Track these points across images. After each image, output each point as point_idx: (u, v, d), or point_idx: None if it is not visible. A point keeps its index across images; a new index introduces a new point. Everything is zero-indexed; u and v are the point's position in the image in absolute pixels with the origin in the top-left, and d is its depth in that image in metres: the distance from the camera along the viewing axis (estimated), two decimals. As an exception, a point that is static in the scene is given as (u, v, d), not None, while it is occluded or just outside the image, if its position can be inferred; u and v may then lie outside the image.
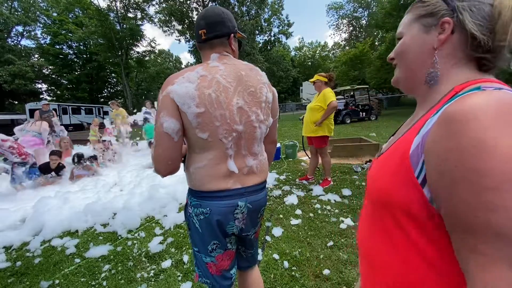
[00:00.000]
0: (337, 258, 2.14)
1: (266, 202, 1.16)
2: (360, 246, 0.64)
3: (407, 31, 0.59)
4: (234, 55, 1.06)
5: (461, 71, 0.52)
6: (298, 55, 52.28)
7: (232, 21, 1.04)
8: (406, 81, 0.61)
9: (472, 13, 0.49)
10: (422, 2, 0.56)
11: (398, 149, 0.51)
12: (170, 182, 3.81)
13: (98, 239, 2.66)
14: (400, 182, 0.48)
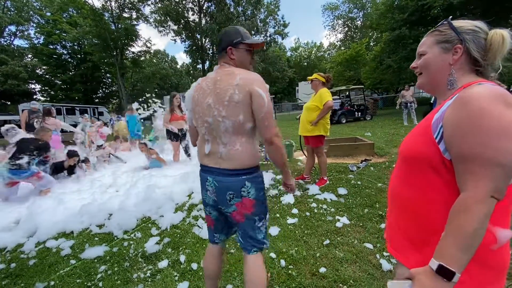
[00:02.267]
0: (333, 256, 2.16)
1: (238, 189, 1.29)
2: (391, 195, 0.93)
3: (430, 50, 0.86)
4: (235, 64, 1.33)
5: (467, 77, 0.82)
6: (294, 56, 52.39)
7: (231, 36, 1.32)
8: (430, 85, 0.89)
9: (474, 44, 0.79)
10: (440, 31, 0.85)
11: (421, 124, 0.81)
12: (167, 182, 3.81)
13: (94, 240, 2.64)
14: (425, 143, 0.76)
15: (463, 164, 0.68)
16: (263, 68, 33.92)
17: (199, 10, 27.61)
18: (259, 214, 1.36)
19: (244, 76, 1.24)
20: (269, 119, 1.24)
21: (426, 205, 0.79)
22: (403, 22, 15.23)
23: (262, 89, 1.22)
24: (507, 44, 0.77)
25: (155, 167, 4.94)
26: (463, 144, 0.67)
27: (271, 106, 1.26)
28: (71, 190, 3.93)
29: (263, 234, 1.41)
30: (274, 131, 1.25)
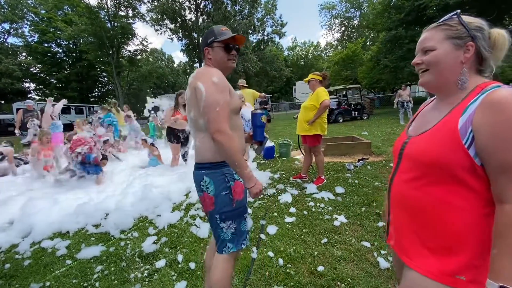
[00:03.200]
0: (331, 255, 2.16)
1: (198, 182, 1.31)
2: (402, 201, 0.87)
3: (440, 46, 0.79)
4: (212, 63, 1.34)
5: (475, 77, 0.79)
6: (291, 55, 52.41)
7: (206, 37, 1.34)
8: (438, 83, 0.83)
9: (484, 42, 0.76)
10: (451, 26, 0.79)
11: (444, 128, 0.76)
12: (164, 182, 3.79)
13: (90, 240, 2.61)
14: (451, 148, 0.72)
15: (506, 174, 0.66)
16: (260, 68, 33.89)
17: (196, 9, 27.48)
18: (221, 213, 1.29)
19: (195, 73, 1.28)
20: (209, 113, 1.18)
21: (449, 212, 0.75)
22: (400, 22, 15.30)
23: (204, 83, 1.20)
24: (507, 43, 0.77)
25: (152, 166, 4.91)
26: (506, 154, 0.65)
27: (214, 99, 1.18)
28: (66, 190, 3.89)
29: (227, 237, 1.32)
30: (216, 126, 1.16)
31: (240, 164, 1.19)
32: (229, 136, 1.17)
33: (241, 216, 1.34)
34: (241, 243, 1.36)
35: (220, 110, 1.18)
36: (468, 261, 0.73)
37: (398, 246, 0.91)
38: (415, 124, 0.95)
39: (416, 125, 0.93)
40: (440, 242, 0.77)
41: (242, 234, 1.36)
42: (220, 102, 1.19)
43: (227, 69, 1.37)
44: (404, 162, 0.88)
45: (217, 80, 1.22)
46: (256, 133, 1.60)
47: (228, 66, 1.36)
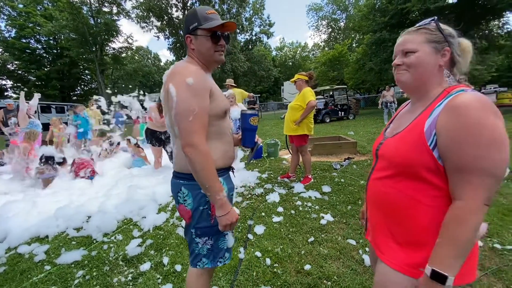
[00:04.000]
0: (317, 253, 2.19)
1: (176, 193, 1.18)
2: (376, 198, 0.91)
3: (421, 49, 0.82)
4: (195, 55, 1.14)
5: (445, 80, 0.84)
6: (279, 55, 52.69)
7: (188, 22, 1.11)
8: (415, 84, 0.86)
9: (456, 47, 0.82)
10: (430, 30, 0.83)
11: (413, 130, 0.79)
12: (149, 183, 3.70)
13: (71, 244, 2.51)
14: (418, 151, 0.76)
15: (460, 174, 0.70)
16: (248, 67, 33.86)
17: (183, 7, 27.12)
18: (197, 228, 1.15)
19: (169, 70, 1.09)
20: (180, 123, 1.01)
21: (415, 208, 0.80)
22: (384, 25, 15.74)
23: (176, 85, 1.01)
24: (471, 52, 0.84)
25: (137, 167, 4.78)
26: (461, 155, 0.69)
27: (187, 107, 0.99)
28: (45, 192, 3.73)
29: (202, 252, 1.18)
30: (187, 140, 1.00)
31: (211, 188, 1.02)
32: (203, 152, 1.00)
33: (220, 233, 1.17)
34: (218, 260, 1.21)
35: (194, 119, 1.00)
36: None
37: (374, 241, 0.96)
38: (392, 125, 0.99)
39: (393, 127, 0.97)
40: (408, 237, 0.82)
41: (220, 252, 1.21)
42: (194, 110, 1.00)
43: (214, 62, 1.16)
44: (379, 161, 0.92)
45: (193, 81, 1.01)
46: (245, 137, 1.37)
47: (215, 59, 1.14)
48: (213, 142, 1.12)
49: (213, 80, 1.21)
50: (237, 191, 3.70)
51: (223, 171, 1.19)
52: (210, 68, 1.20)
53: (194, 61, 1.14)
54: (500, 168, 0.67)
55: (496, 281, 1.75)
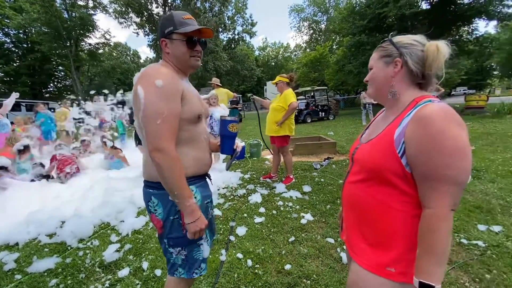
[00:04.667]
0: (298, 253, 2.24)
1: (146, 202, 1.16)
2: (350, 201, 0.97)
3: (375, 65, 0.93)
4: (170, 59, 1.13)
5: (411, 90, 0.88)
6: (262, 55, 52.86)
7: (163, 26, 1.10)
8: (377, 95, 0.96)
9: (411, 56, 0.85)
10: (383, 47, 0.91)
11: (384, 138, 0.84)
12: (127, 185, 3.58)
13: (43, 251, 2.40)
14: (388, 157, 0.80)
15: (427, 182, 0.74)
16: (231, 66, 33.68)
17: (164, 3, 26.45)
18: (169, 239, 1.14)
19: (139, 72, 1.06)
20: (148, 126, 0.98)
21: (385, 212, 0.84)
22: (363, 28, 16.28)
23: (144, 87, 0.97)
24: (442, 54, 0.80)
25: (115, 169, 4.62)
26: (427, 164, 0.73)
27: (155, 109, 0.96)
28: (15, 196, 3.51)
29: (178, 261, 1.16)
30: (154, 144, 0.97)
31: (180, 194, 0.99)
32: (170, 157, 0.97)
33: (193, 243, 1.15)
34: (193, 271, 1.18)
35: (162, 122, 0.96)
36: (399, 256, 0.82)
37: (348, 241, 1.01)
38: (367, 131, 1.04)
39: (368, 133, 1.03)
40: (378, 238, 0.87)
41: (195, 262, 1.18)
42: (163, 113, 0.97)
43: (189, 67, 1.14)
44: (355, 165, 0.97)
45: (162, 84, 0.97)
46: (224, 144, 1.33)
47: (190, 64, 1.12)
48: (184, 148, 1.09)
49: (189, 84, 1.18)
50: (220, 193, 3.69)
51: (196, 179, 1.16)
52: (186, 73, 1.18)
53: (169, 65, 1.12)
54: (464, 176, 0.72)
55: (462, 275, 1.88)
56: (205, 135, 1.22)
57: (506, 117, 9.39)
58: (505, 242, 2.20)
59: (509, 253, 2.06)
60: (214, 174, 1.34)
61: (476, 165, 4.21)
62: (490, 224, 2.49)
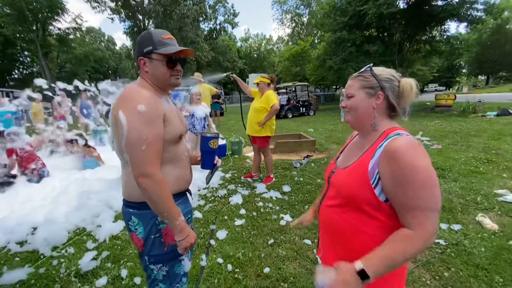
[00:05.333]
0: (276, 255, 2.32)
1: (126, 221, 1.17)
2: (326, 223, 1.03)
3: (357, 94, 0.95)
4: (147, 78, 1.11)
5: (385, 121, 0.95)
6: (244, 46, 52.20)
7: (142, 44, 1.09)
8: (356, 124, 0.99)
9: (391, 91, 0.92)
10: (365, 77, 0.94)
11: (359, 168, 0.90)
12: (103, 187, 3.47)
13: (14, 261, 2.29)
14: (362, 187, 0.86)
15: (405, 210, 0.81)
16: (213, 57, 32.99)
17: (141, -12, 25.12)
18: (150, 256, 1.16)
19: (119, 95, 1.05)
20: (133, 153, 0.98)
21: (358, 237, 0.91)
22: (343, 25, 16.55)
23: (127, 113, 0.97)
24: (414, 91, 0.90)
25: (90, 169, 4.45)
26: (404, 197, 0.79)
27: (139, 136, 0.97)
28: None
29: (159, 277, 1.19)
30: (140, 170, 0.98)
31: (169, 215, 1.03)
32: (157, 181, 0.99)
33: (175, 259, 1.18)
34: (175, 286, 1.22)
35: (147, 148, 0.97)
36: None
37: (323, 259, 1.09)
38: (343, 156, 1.09)
39: (343, 157, 1.08)
40: (351, 260, 0.91)
41: (176, 277, 1.22)
42: (147, 138, 0.97)
43: (169, 86, 1.15)
44: (331, 189, 1.03)
45: (144, 109, 0.97)
46: (204, 160, 1.36)
47: (170, 83, 1.13)
48: (166, 168, 1.11)
49: (168, 101, 1.17)
50: (200, 193, 3.69)
51: (178, 195, 1.18)
52: (166, 91, 1.18)
53: (148, 84, 1.11)
54: (436, 202, 0.80)
55: (425, 272, 2.06)
56: (186, 152, 1.24)
57: (471, 116, 10.10)
58: (463, 240, 2.42)
59: (466, 250, 2.28)
60: (195, 173, 1.36)
61: (442, 164, 4.53)
62: (451, 223, 2.72)
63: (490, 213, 2.89)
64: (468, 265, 2.09)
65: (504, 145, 5.54)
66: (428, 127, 8.26)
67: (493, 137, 6.36)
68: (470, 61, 42.70)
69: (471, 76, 53.66)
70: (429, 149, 5.68)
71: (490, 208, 2.99)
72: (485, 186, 3.56)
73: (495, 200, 3.16)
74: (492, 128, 7.50)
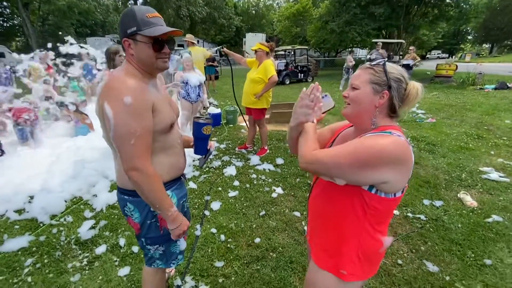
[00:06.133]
0: (267, 226, 2.46)
1: (122, 207, 1.19)
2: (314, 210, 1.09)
3: (362, 87, 0.91)
4: (133, 61, 1.04)
5: (385, 120, 0.93)
6: (242, 1, 48.47)
7: (125, 24, 0.99)
8: (355, 118, 0.98)
9: (397, 92, 0.90)
10: (375, 72, 0.91)
11: None
12: (97, 155, 3.46)
13: (14, 228, 2.38)
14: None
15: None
16: (207, 13, 30.78)
17: None
18: (147, 238, 1.22)
19: (104, 83, 0.99)
20: (121, 147, 0.96)
21: (342, 226, 0.96)
22: (349, -18, 15.29)
23: (113, 106, 0.92)
24: (419, 97, 0.90)
25: (82, 135, 4.39)
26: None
27: (126, 130, 0.94)
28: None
29: (156, 255, 1.27)
30: (130, 164, 0.97)
31: (161, 206, 1.04)
32: (147, 175, 0.99)
33: (171, 240, 1.22)
34: (171, 262, 1.30)
35: (136, 142, 0.95)
36: (350, 260, 0.98)
37: (311, 243, 1.15)
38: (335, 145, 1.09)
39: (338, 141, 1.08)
40: (333, 246, 1.01)
41: (172, 255, 1.30)
42: (135, 132, 0.94)
43: (156, 70, 1.08)
44: (321, 180, 1.04)
45: (131, 101, 0.93)
46: (197, 146, 1.37)
47: (157, 67, 1.05)
48: (158, 157, 1.10)
49: (156, 88, 1.11)
50: (195, 164, 3.74)
51: (172, 182, 1.20)
52: (153, 75, 1.11)
53: (134, 69, 1.04)
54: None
55: (403, 246, 2.22)
56: (178, 140, 1.22)
57: (469, 89, 9.99)
58: (442, 216, 2.58)
59: (444, 226, 2.44)
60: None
61: (433, 139, 4.61)
62: (434, 199, 2.86)
63: (472, 190, 3.03)
64: (444, 240, 2.26)
65: (497, 121, 5.60)
66: (425, 99, 8.17)
67: (488, 112, 6.39)
68: (477, 27, 40.89)
69: (475, 44, 51.85)
70: (423, 122, 5.71)
71: (473, 185, 3.13)
72: (471, 163, 3.68)
73: (479, 177, 3.30)
74: (488, 102, 7.50)
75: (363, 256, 0.96)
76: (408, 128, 5.36)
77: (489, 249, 2.14)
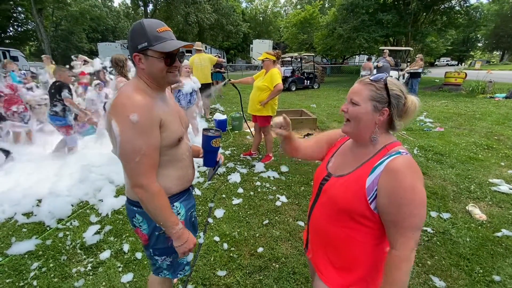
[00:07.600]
0: (270, 236, 2.44)
1: (131, 218, 1.19)
2: (317, 227, 1.07)
3: (363, 104, 0.91)
4: (144, 75, 1.05)
5: (384, 135, 0.95)
6: (249, 8, 49.09)
7: (135, 39, 1.00)
8: (355, 135, 0.98)
9: (397, 109, 0.90)
10: (376, 88, 0.90)
11: (357, 182, 0.91)
12: (103, 160, 3.51)
13: (22, 232, 2.43)
14: (359, 201, 0.89)
15: (395, 228, 0.85)
16: (215, 20, 31.24)
17: None
18: (155, 249, 1.21)
19: (113, 99, 1.00)
20: (127, 164, 0.98)
21: (349, 242, 0.96)
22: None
23: (119, 123, 0.93)
24: (417, 111, 0.92)
25: (88, 135, 4.45)
26: (398, 214, 0.83)
27: (132, 147, 0.95)
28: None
29: (163, 266, 1.27)
30: (135, 181, 0.99)
31: (165, 224, 1.05)
32: (152, 193, 0.99)
33: (179, 257, 1.21)
34: (178, 273, 1.30)
35: (141, 159, 0.96)
36: (361, 278, 0.97)
37: (314, 260, 1.14)
38: (334, 160, 1.08)
39: (336, 163, 1.07)
40: (342, 263, 1.01)
41: (179, 266, 1.30)
42: (141, 149, 0.95)
43: (166, 83, 1.09)
44: (324, 197, 1.04)
45: (137, 119, 0.93)
46: (206, 158, 1.37)
47: (168, 81, 1.07)
48: (167, 170, 1.10)
49: (165, 102, 1.11)
50: (200, 170, 3.76)
51: (180, 194, 1.20)
52: (163, 88, 1.12)
53: (143, 84, 1.05)
54: (422, 221, 0.86)
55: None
56: (187, 152, 1.22)
57: (479, 97, 9.83)
58: (450, 229, 2.52)
59: (451, 240, 2.38)
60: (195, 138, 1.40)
61: (441, 149, 4.53)
62: (441, 211, 2.80)
63: (481, 203, 2.96)
64: (451, 254, 2.20)
65: (507, 131, 5.48)
66: (433, 108, 8.09)
67: (498, 121, 6.26)
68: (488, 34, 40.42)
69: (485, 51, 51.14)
70: (431, 131, 5.64)
71: (482, 198, 3.06)
72: (480, 174, 3.60)
73: (488, 189, 3.22)
74: (498, 111, 7.35)
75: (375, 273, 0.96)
76: (416, 137, 5.29)
77: (498, 264, 2.08)
